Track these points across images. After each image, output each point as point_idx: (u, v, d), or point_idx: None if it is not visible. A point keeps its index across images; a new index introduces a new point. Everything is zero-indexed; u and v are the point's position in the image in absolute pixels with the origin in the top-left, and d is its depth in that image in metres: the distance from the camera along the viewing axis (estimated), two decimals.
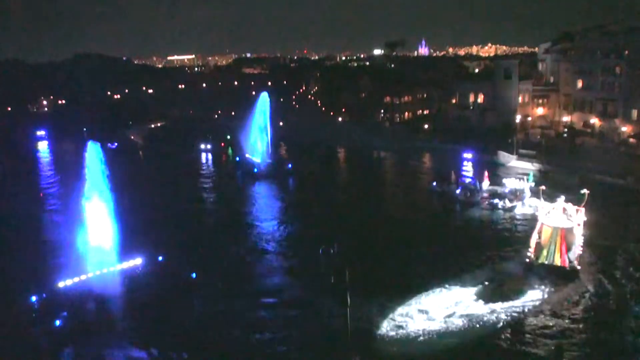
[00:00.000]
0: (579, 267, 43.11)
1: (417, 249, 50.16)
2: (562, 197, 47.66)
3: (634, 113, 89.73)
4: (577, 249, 44.38)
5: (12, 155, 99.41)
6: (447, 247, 50.50)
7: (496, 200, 63.12)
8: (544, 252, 43.96)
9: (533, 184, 63.74)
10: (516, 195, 63.26)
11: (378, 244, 51.97)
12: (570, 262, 43.25)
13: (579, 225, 46.23)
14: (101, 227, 41.59)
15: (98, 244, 41.45)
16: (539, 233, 46.08)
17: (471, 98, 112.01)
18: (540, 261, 43.89)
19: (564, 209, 46.52)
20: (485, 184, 67.29)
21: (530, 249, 44.99)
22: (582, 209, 46.80)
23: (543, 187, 51.03)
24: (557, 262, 43.31)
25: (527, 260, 44.38)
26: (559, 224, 45.03)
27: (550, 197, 49.46)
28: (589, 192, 47.72)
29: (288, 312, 38.99)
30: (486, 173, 68.19)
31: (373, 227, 57.35)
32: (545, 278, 42.51)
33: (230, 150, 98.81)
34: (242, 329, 36.62)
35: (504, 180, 67.11)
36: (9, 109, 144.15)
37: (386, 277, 44.00)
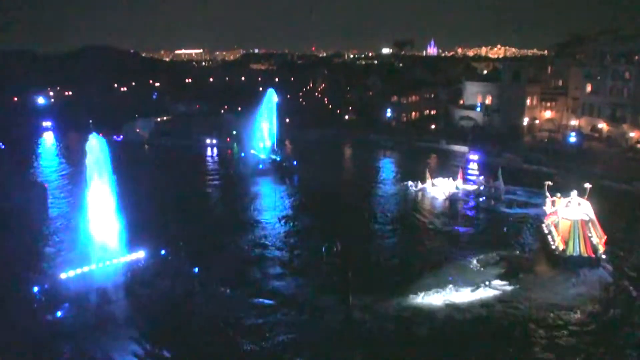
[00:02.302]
0: (604, 256, 45.50)
1: (418, 246, 51.19)
2: (575, 192, 49.38)
3: None
4: (599, 239, 46.44)
5: (17, 145, 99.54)
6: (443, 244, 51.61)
7: (481, 198, 64.79)
8: (570, 244, 45.47)
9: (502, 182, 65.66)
10: (493, 192, 65.21)
11: (377, 243, 52.40)
12: (595, 251, 45.29)
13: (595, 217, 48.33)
14: (104, 219, 41.51)
15: (101, 236, 41.37)
16: (555, 226, 48.57)
17: (479, 99, 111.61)
18: (568, 253, 45.42)
19: (578, 203, 48.74)
20: (459, 183, 67.93)
21: (553, 242, 47.23)
22: (587, 202, 49.02)
23: (549, 183, 54.05)
24: (584, 252, 45.03)
25: (556, 252, 46.21)
26: (577, 216, 46.94)
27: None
28: (590, 186, 50.14)
29: (289, 310, 38.78)
30: (460, 173, 68.67)
31: (371, 225, 58.11)
32: (576, 268, 44.47)
33: (235, 146, 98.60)
34: (242, 326, 36.54)
35: (474, 179, 68.89)
36: (16, 99, 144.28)
37: (388, 275, 44.08)
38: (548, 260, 47.04)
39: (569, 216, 47.42)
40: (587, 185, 49.69)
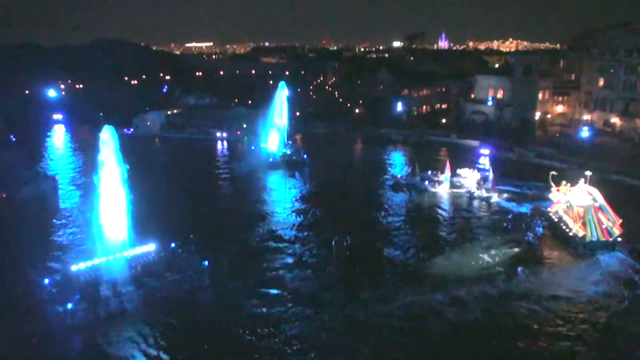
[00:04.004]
0: (619, 239, 47.15)
1: (420, 240, 51.55)
2: (582, 180, 51.24)
3: None
4: (613, 223, 48.08)
5: (28, 138, 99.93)
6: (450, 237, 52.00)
7: (473, 190, 65.37)
8: (588, 230, 47.05)
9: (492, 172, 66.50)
10: (480, 183, 66.04)
11: (383, 236, 52.48)
12: (611, 234, 47.18)
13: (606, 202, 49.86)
14: (115, 212, 41.60)
15: (112, 229, 41.48)
16: (566, 213, 50.40)
17: (490, 93, 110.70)
18: (587, 239, 46.93)
19: (587, 191, 50.55)
20: (447, 175, 68.06)
21: (569, 229, 48.70)
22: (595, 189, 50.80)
23: (554, 173, 56.16)
24: (602, 237, 46.84)
25: (576, 239, 47.66)
26: (588, 202, 48.73)
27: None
28: (591, 173, 51.80)
29: (296, 304, 38.85)
30: (448, 164, 68.51)
31: (377, 217, 58.73)
32: (595, 252, 46.34)
33: (245, 139, 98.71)
34: (249, 320, 36.65)
35: (459, 171, 68.98)
36: (27, 92, 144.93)
37: (395, 269, 44.02)
38: (567, 247, 47.96)
39: (581, 202, 48.91)
40: (588, 173, 51.68)
